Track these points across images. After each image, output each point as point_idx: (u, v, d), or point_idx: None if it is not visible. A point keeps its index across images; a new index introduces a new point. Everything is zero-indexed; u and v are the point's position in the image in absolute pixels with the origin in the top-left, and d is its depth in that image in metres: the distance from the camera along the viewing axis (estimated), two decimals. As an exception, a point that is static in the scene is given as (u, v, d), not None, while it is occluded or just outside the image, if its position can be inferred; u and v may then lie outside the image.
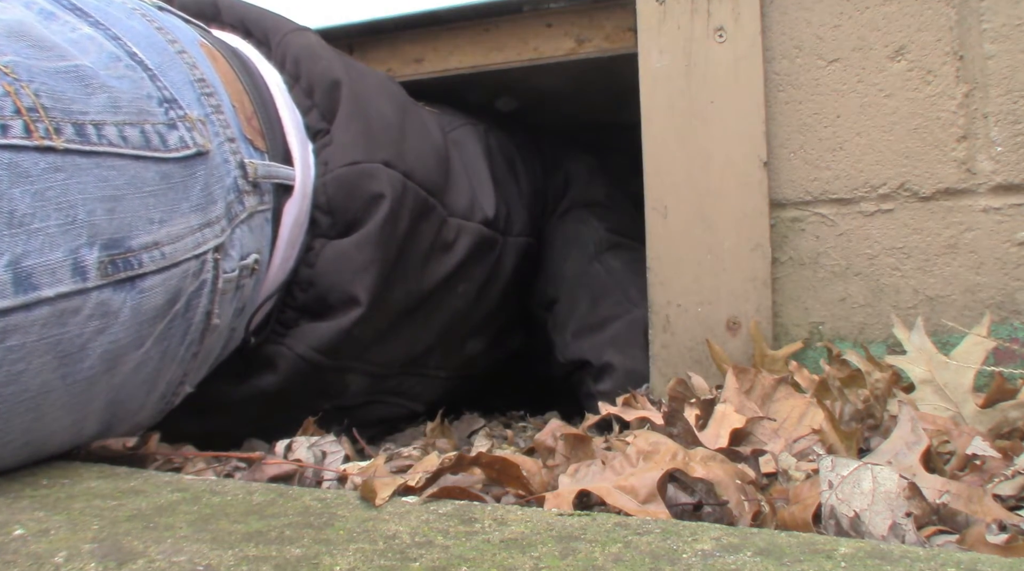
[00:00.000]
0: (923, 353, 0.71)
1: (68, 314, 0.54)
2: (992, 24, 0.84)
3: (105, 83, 0.60)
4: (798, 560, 0.39)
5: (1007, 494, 0.53)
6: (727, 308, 0.91)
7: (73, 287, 0.54)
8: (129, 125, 0.60)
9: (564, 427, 0.70)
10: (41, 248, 0.52)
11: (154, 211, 0.60)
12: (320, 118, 0.80)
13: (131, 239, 0.58)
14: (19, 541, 0.45)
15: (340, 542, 0.43)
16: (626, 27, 1.05)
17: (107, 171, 0.57)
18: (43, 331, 0.53)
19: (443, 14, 1.11)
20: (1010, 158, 0.83)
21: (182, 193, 0.63)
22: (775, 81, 0.91)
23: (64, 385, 0.56)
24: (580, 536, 0.43)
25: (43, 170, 0.53)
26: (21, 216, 0.52)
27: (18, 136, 0.53)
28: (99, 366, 0.57)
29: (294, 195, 0.76)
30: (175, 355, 0.65)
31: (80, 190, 0.55)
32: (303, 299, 0.79)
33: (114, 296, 0.57)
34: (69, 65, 0.58)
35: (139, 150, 0.60)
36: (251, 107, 0.75)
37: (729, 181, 0.91)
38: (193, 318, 0.65)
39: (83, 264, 0.55)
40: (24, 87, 0.54)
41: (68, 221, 0.54)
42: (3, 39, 0.56)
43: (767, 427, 0.65)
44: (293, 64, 0.82)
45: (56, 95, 0.56)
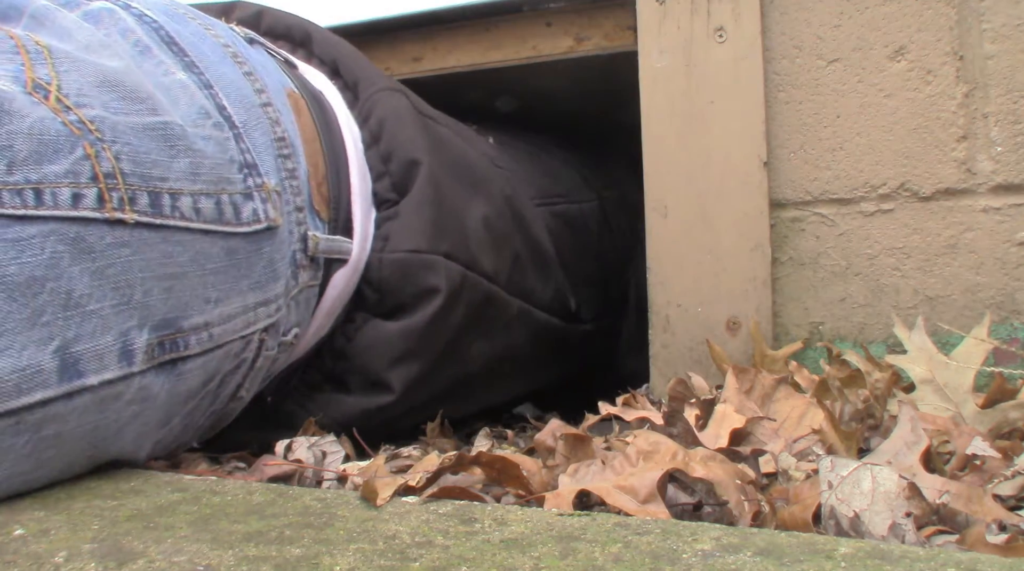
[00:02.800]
0: (923, 353, 0.71)
1: (109, 400, 0.50)
2: (992, 24, 0.84)
3: (191, 145, 0.55)
4: (798, 560, 0.39)
5: (1007, 494, 0.53)
6: (727, 308, 0.91)
7: (118, 373, 0.50)
8: (205, 195, 0.55)
9: (564, 427, 0.70)
10: (93, 332, 0.48)
11: (212, 290, 0.55)
12: (391, 189, 0.77)
13: (183, 320, 0.54)
14: (19, 541, 0.45)
15: (340, 542, 0.43)
16: (625, 26, 1.05)
17: (173, 247, 0.53)
18: (81, 418, 0.49)
19: (443, 14, 1.11)
20: (1010, 158, 0.83)
21: (245, 270, 0.58)
22: (775, 81, 0.91)
23: (88, 463, 0.53)
24: (580, 536, 0.43)
25: (107, 245, 0.49)
26: (78, 297, 0.47)
27: (89, 207, 0.48)
28: (128, 448, 0.55)
29: (346, 268, 0.73)
30: (196, 425, 0.62)
31: (142, 268, 0.51)
32: (332, 368, 0.76)
33: (155, 380, 0.53)
34: (158, 122, 0.54)
35: (210, 224, 0.55)
36: (324, 170, 0.70)
37: (729, 181, 0.91)
38: (222, 393, 0.62)
39: (131, 348, 0.51)
40: (106, 149, 0.50)
41: (124, 301, 0.50)
42: (94, 87, 0.51)
43: (767, 427, 0.65)
44: (377, 124, 0.78)
45: (138, 158, 0.51)
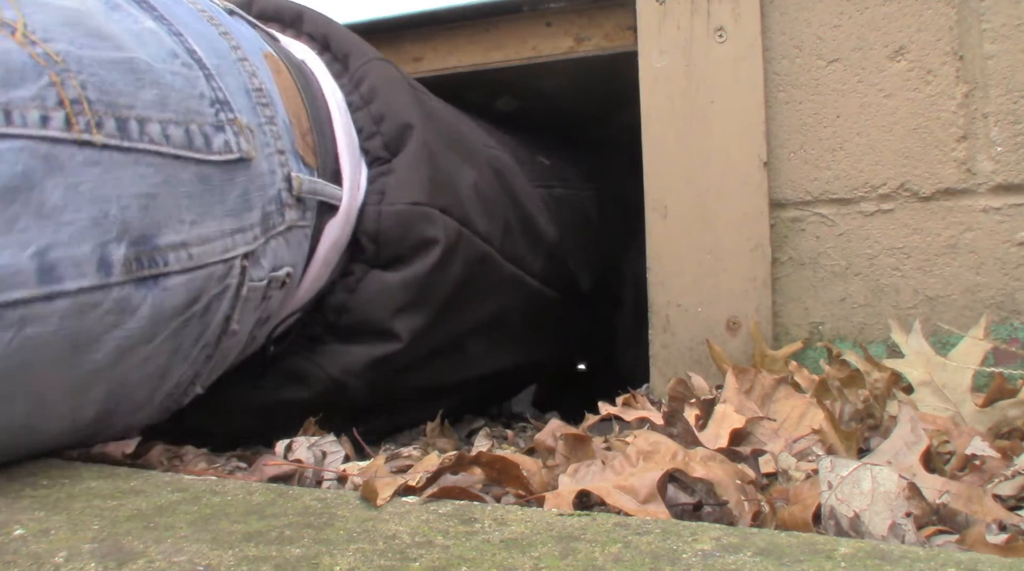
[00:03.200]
0: (921, 356, 0.71)
1: (88, 308, 0.54)
2: (992, 24, 0.84)
3: (158, 78, 0.60)
4: (798, 560, 0.39)
5: (1007, 494, 0.53)
6: (727, 308, 0.91)
7: (96, 282, 0.54)
8: (174, 123, 0.60)
9: (564, 427, 0.70)
10: (69, 241, 0.52)
11: (186, 212, 0.60)
12: (383, 147, 0.81)
13: (159, 238, 0.58)
14: (19, 541, 0.45)
15: (340, 542, 0.43)
16: (625, 26, 1.05)
17: (144, 169, 0.57)
18: (61, 323, 0.53)
19: (443, 14, 1.11)
20: (1010, 158, 0.83)
21: (218, 196, 0.62)
22: (775, 81, 0.91)
23: (70, 374, 0.56)
24: (580, 536, 0.43)
25: (79, 164, 0.53)
26: (51, 208, 0.52)
27: (57, 128, 0.53)
28: (108, 359, 0.57)
29: (338, 216, 0.76)
30: (187, 354, 0.65)
31: (115, 186, 0.55)
32: (334, 320, 0.79)
33: (135, 293, 0.57)
34: (123, 56, 0.58)
35: (180, 150, 0.60)
36: (308, 123, 0.75)
37: (729, 181, 0.91)
38: (211, 321, 0.64)
39: (109, 260, 0.55)
40: (71, 78, 0.54)
41: (100, 215, 0.54)
42: (59, 26, 0.56)
43: (767, 427, 0.65)
44: (369, 90, 0.83)
45: (104, 87, 0.56)
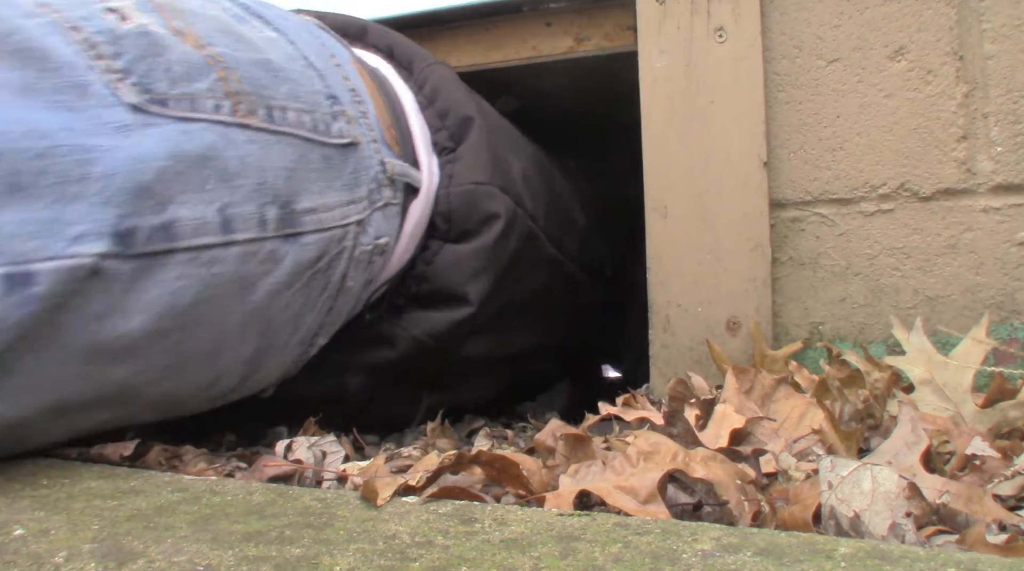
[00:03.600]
0: (922, 354, 0.71)
1: (250, 256, 0.67)
2: (992, 24, 0.84)
3: (288, 75, 0.73)
4: (798, 560, 0.39)
5: (1007, 494, 0.53)
6: (727, 308, 0.91)
7: (256, 235, 0.67)
8: (304, 112, 0.73)
9: (564, 427, 0.70)
10: (241, 201, 0.65)
11: (315, 184, 0.72)
12: (448, 138, 0.92)
13: (297, 203, 0.71)
14: (19, 541, 0.45)
15: (340, 542, 0.43)
16: (625, 26, 1.05)
17: (286, 147, 0.70)
18: (234, 265, 0.65)
19: (443, 14, 1.11)
20: (1010, 158, 0.83)
21: (337, 173, 0.75)
22: (775, 81, 0.91)
23: (240, 309, 0.68)
24: (580, 536, 0.43)
25: (243, 141, 0.66)
26: (231, 174, 0.65)
27: (227, 114, 0.66)
28: (262, 301, 0.69)
29: (419, 197, 0.87)
30: (314, 304, 0.76)
31: (268, 160, 0.68)
32: (416, 290, 0.90)
33: (281, 246, 0.69)
34: (263, 58, 0.71)
35: (310, 134, 0.73)
36: (389, 119, 0.87)
37: (729, 181, 0.91)
38: (332, 277, 0.76)
39: (265, 217, 0.68)
40: (232, 74, 0.67)
41: (260, 182, 0.67)
42: (215, 32, 0.69)
43: (767, 427, 0.65)
44: (432, 90, 0.94)
45: (253, 82, 0.69)
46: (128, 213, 0.57)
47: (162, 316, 0.61)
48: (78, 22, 0.60)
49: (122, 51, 0.61)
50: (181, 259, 0.61)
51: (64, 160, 0.55)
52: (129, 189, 0.57)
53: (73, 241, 0.55)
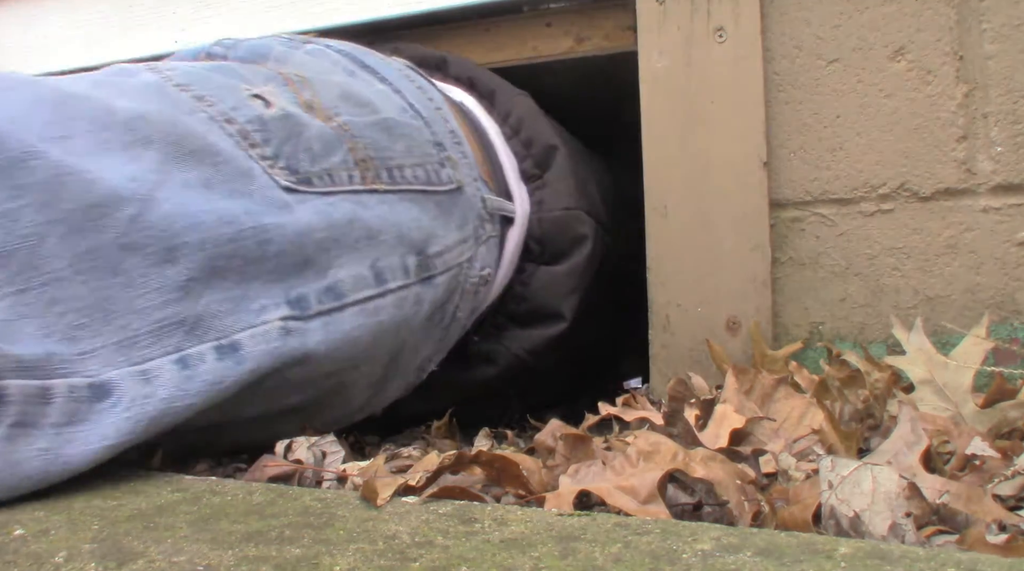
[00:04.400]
0: (922, 354, 0.71)
1: (400, 301, 0.74)
2: (992, 24, 0.84)
3: (402, 131, 0.80)
4: (798, 560, 0.39)
5: (1007, 494, 0.53)
6: (727, 308, 0.91)
7: (403, 282, 0.75)
8: (418, 166, 0.80)
9: (564, 427, 0.70)
10: (386, 255, 0.73)
11: (435, 229, 0.80)
12: (535, 166, 0.98)
13: (428, 249, 0.78)
14: (19, 541, 0.45)
15: (340, 542, 0.43)
16: (625, 26, 1.05)
17: (407, 203, 0.78)
18: (391, 311, 0.73)
19: (443, 14, 1.11)
20: (1010, 158, 0.83)
21: (449, 217, 0.82)
22: (775, 81, 0.91)
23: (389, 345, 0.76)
24: (580, 536, 0.43)
25: (375, 203, 0.74)
26: (373, 232, 0.72)
27: (358, 183, 0.73)
28: (408, 338, 0.78)
29: (514, 225, 0.93)
30: (432, 336, 0.84)
31: (396, 215, 0.76)
32: (515, 310, 0.96)
33: (422, 289, 0.77)
34: (380, 118, 0.79)
35: (424, 186, 0.80)
36: (482, 154, 0.92)
37: (729, 181, 0.91)
38: (447, 310, 0.83)
39: (407, 266, 0.76)
40: (358, 143, 0.75)
41: (397, 236, 0.75)
42: (338, 101, 0.77)
43: (767, 427, 0.65)
44: (516, 120, 1.00)
45: (375, 147, 0.76)
46: (296, 283, 0.66)
47: (343, 360, 0.70)
48: (231, 114, 0.68)
49: (270, 137, 0.69)
50: (351, 312, 0.70)
51: (248, 242, 0.63)
52: (293, 264, 0.66)
53: (259, 312, 0.63)
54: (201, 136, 0.64)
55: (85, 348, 0.55)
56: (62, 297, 0.55)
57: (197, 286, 0.60)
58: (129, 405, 0.55)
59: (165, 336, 0.58)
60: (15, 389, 0.51)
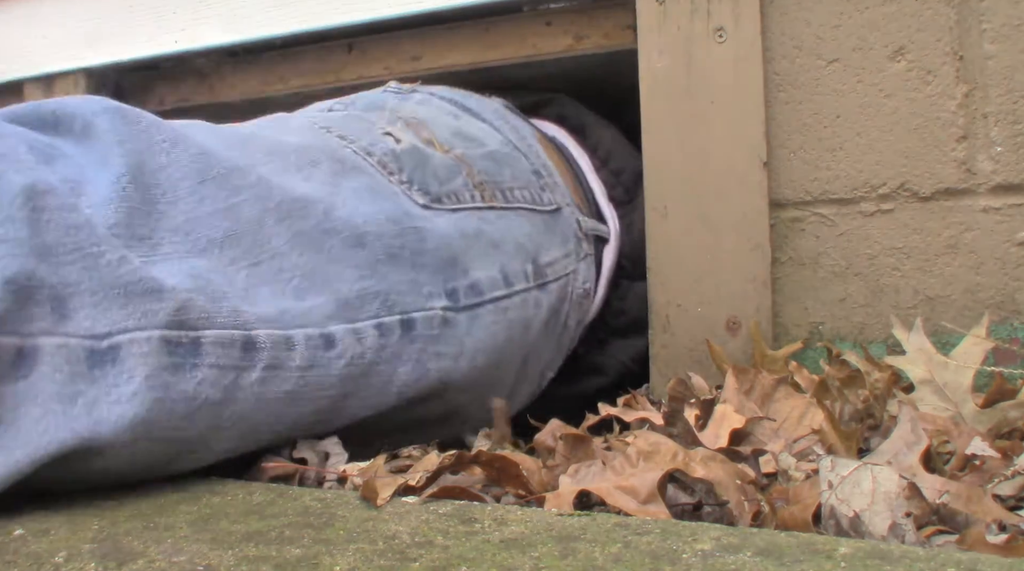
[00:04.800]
0: (922, 354, 0.71)
1: (524, 302, 0.83)
2: (992, 24, 0.84)
3: (506, 161, 0.90)
4: (798, 560, 0.39)
5: (1007, 494, 0.53)
6: (727, 308, 0.91)
7: (525, 286, 0.83)
8: (523, 189, 0.90)
9: (564, 427, 0.70)
10: (510, 261, 0.82)
11: (544, 243, 0.89)
12: (624, 193, 1.06)
13: (540, 259, 0.87)
14: (19, 541, 0.45)
15: (340, 542, 0.43)
16: (625, 25, 1.05)
17: (520, 218, 0.87)
18: (519, 310, 0.82)
19: (443, 13, 1.11)
20: (1010, 158, 0.83)
21: (553, 233, 0.91)
22: (775, 81, 0.91)
23: (519, 345, 0.83)
24: (580, 536, 0.43)
25: (494, 218, 0.84)
26: (497, 242, 0.82)
27: (479, 201, 0.83)
28: (532, 338, 0.85)
29: (609, 245, 1.02)
30: (550, 342, 0.91)
31: (512, 229, 0.85)
32: (615, 324, 1.04)
33: (539, 294, 0.86)
34: (487, 150, 0.89)
35: (531, 205, 0.89)
36: (574, 183, 1.01)
37: (729, 181, 0.91)
38: (560, 317, 0.91)
39: (526, 272, 0.84)
40: (472, 170, 0.85)
41: (516, 246, 0.84)
42: (451, 137, 0.88)
43: (767, 427, 0.65)
44: (605, 152, 1.08)
45: (487, 173, 0.86)
46: (449, 277, 0.75)
47: (489, 352, 0.78)
48: (370, 148, 0.79)
49: (403, 166, 0.79)
50: (488, 309, 0.78)
51: (411, 237, 0.73)
52: (446, 259, 0.75)
53: (427, 297, 0.72)
54: (354, 160, 0.76)
55: (311, 304, 0.64)
56: (287, 266, 0.64)
57: (383, 267, 0.70)
58: (350, 359, 0.65)
59: (367, 303, 0.68)
60: (265, 337, 0.60)
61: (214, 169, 0.64)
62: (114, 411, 0.52)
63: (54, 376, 0.51)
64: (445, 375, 0.73)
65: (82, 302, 0.53)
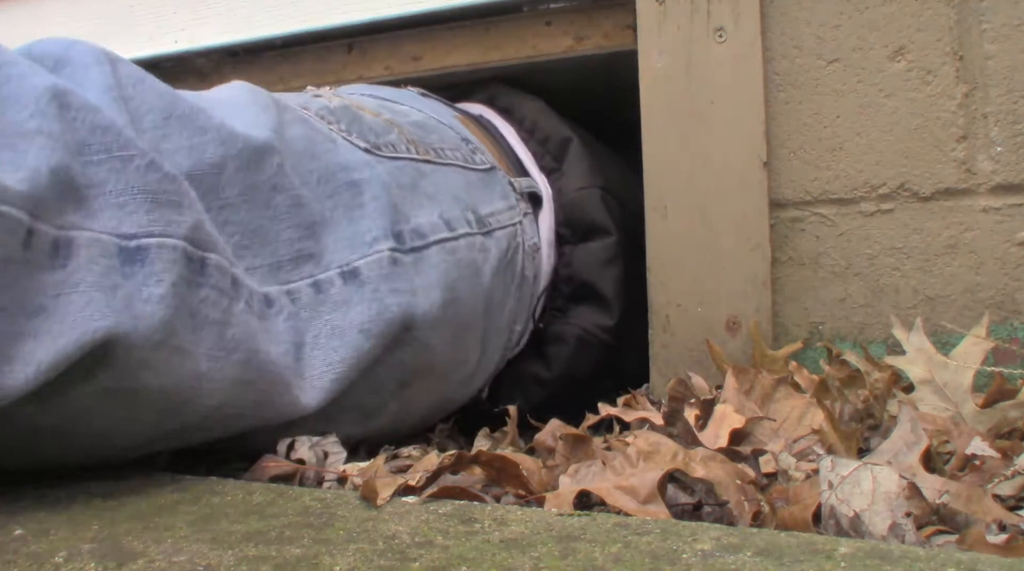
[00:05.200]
0: (922, 354, 0.71)
1: (471, 246, 0.86)
2: (992, 24, 0.84)
3: (432, 129, 0.94)
4: (798, 560, 0.39)
5: (1007, 494, 0.53)
6: (727, 308, 0.91)
7: (468, 230, 0.86)
8: (454, 150, 0.93)
9: (564, 427, 0.70)
10: (448, 209, 0.85)
11: (482, 196, 0.92)
12: (552, 161, 1.09)
13: (481, 209, 0.90)
14: (19, 541, 0.45)
15: (340, 542, 0.43)
16: (624, 25, 1.05)
17: (455, 174, 0.90)
18: (466, 252, 0.84)
19: (443, 13, 1.11)
20: (1010, 158, 0.83)
21: (491, 189, 0.94)
22: (775, 81, 0.91)
23: (476, 290, 0.86)
24: (580, 536, 0.43)
25: (430, 171, 0.86)
26: (433, 192, 0.84)
27: (414, 153, 0.86)
28: (487, 283, 0.88)
29: (544, 209, 1.04)
30: (509, 291, 0.94)
31: (450, 182, 0.88)
32: (567, 290, 1.06)
33: (485, 240, 0.88)
34: (413, 120, 0.92)
35: (465, 163, 0.93)
36: (498, 152, 1.05)
37: (729, 181, 0.91)
38: (515, 267, 0.94)
39: (468, 218, 0.87)
40: (403, 130, 0.88)
41: (452, 197, 0.86)
42: (378, 108, 0.91)
43: (767, 427, 0.65)
44: (531, 123, 1.11)
45: (417, 134, 0.90)
46: (392, 221, 0.77)
47: (443, 289, 0.80)
48: (306, 105, 0.83)
49: (339, 118, 0.83)
50: (435, 250, 0.81)
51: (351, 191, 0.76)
52: (386, 207, 0.77)
53: (371, 243, 0.74)
54: (296, 112, 0.78)
55: (249, 265, 0.66)
56: (233, 220, 0.66)
57: (319, 228, 0.72)
58: (287, 317, 0.68)
59: (302, 265, 0.70)
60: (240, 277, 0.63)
61: (179, 108, 0.64)
62: (146, 309, 0.54)
63: (91, 267, 0.52)
64: (406, 309, 0.75)
65: (107, 202, 0.54)
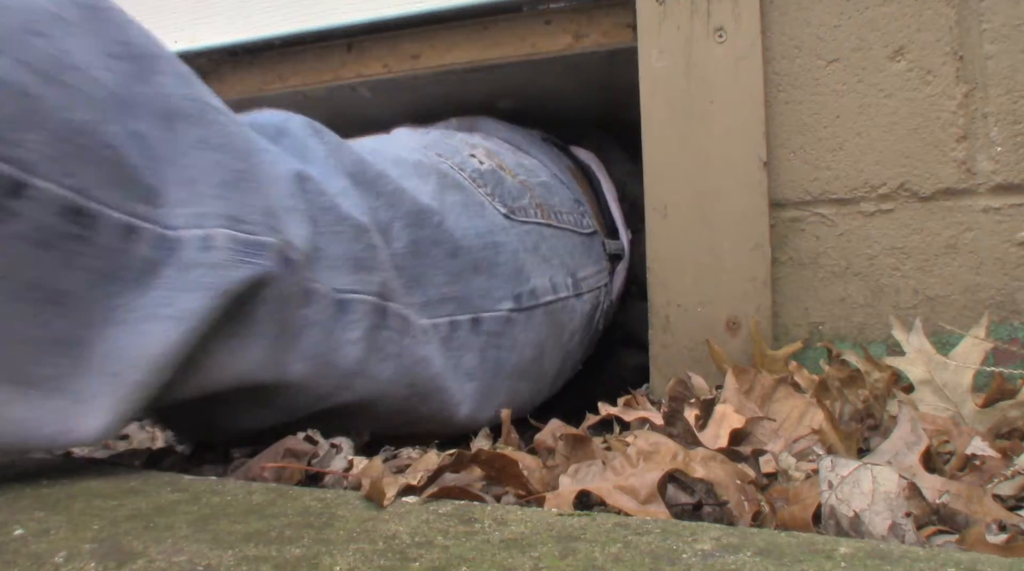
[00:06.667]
0: (922, 354, 0.71)
1: (564, 308, 0.97)
2: (992, 24, 0.84)
3: (555, 190, 1.06)
4: (798, 560, 0.39)
5: (1007, 494, 0.53)
6: (727, 308, 0.91)
7: (564, 294, 0.97)
8: (569, 213, 1.05)
9: (564, 427, 0.70)
10: (556, 273, 0.97)
11: (582, 260, 1.04)
12: (637, 221, 1.17)
13: (579, 273, 1.02)
14: (19, 541, 0.45)
15: (340, 542, 0.43)
16: (624, 23, 1.05)
17: (566, 237, 1.02)
18: (559, 314, 0.96)
19: (443, 13, 1.11)
20: (1010, 158, 0.83)
21: (589, 252, 1.07)
22: (775, 81, 0.91)
23: (554, 347, 0.97)
24: (580, 536, 0.43)
25: (549, 235, 0.98)
26: (548, 256, 0.96)
27: (540, 218, 0.98)
28: (566, 341, 0.99)
29: (621, 263, 1.17)
30: (583, 343, 1.06)
31: (560, 246, 1.00)
32: (618, 335, 1.20)
33: (576, 302, 1.00)
34: (540, 181, 1.05)
35: (575, 228, 1.05)
36: (597, 208, 1.17)
37: (729, 181, 0.91)
38: (593, 321, 1.07)
39: (567, 283, 0.99)
40: (534, 193, 1.00)
41: (560, 261, 0.99)
42: (515, 166, 1.03)
43: (767, 427, 0.65)
44: (620, 185, 1.25)
45: (543, 196, 1.02)
46: (515, 284, 0.89)
47: (535, 346, 0.92)
48: (461, 165, 0.93)
49: (487, 182, 0.93)
50: (540, 311, 0.92)
51: (490, 251, 0.87)
52: (515, 269, 0.89)
53: (498, 301, 0.86)
54: (453, 176, 0.90)
55: (414, 300, 0.79)
56: (401, 266, 0.78)
57: (467, 275, 0.84)
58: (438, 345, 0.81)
59: (446, 304, 0.82)
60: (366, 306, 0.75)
61: (367, 174, 0.78)
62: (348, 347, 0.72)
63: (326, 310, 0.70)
64: (502, 363, 0.87)
65: (324, 265, 0.70)
